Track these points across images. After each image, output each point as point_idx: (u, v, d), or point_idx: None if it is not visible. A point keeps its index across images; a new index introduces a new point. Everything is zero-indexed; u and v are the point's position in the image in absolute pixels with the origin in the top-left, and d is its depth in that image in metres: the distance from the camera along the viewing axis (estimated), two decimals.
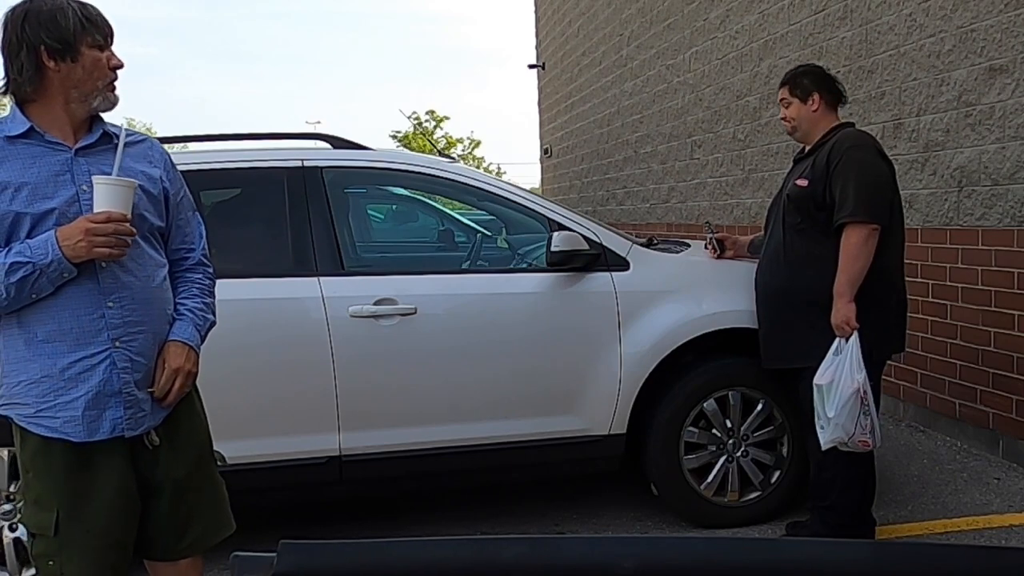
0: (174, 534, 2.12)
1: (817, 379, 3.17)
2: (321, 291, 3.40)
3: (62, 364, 1.94)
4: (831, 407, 3.12)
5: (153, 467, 2.07)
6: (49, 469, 1.98)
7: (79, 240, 1.87)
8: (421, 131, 30.72)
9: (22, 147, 1.93)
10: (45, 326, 1.94)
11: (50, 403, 1.95)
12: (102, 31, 1.97)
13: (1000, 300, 4.44)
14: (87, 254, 1.89)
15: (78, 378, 1.95)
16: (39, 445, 1.97)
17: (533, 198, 3.88)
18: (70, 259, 1.88)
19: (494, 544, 0.90)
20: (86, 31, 1.93)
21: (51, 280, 1.90)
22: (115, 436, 1.98)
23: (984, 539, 3.56)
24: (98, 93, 1.98)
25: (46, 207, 1.91)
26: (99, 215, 1.89)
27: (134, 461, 2.04)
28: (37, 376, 1.95)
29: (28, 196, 1.90)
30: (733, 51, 7.46)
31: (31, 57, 1.90)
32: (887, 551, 0.88)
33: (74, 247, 1.88)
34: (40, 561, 2.01)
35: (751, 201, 7.25)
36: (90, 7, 1.97)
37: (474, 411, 3.53)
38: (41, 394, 1.95)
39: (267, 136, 4.07)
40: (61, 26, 1.90)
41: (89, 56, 1.94)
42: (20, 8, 1.92)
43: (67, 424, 1.95)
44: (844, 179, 3.18)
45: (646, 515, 3.86)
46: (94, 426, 1.96)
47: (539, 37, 15.75)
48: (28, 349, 1.95)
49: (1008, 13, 4.32)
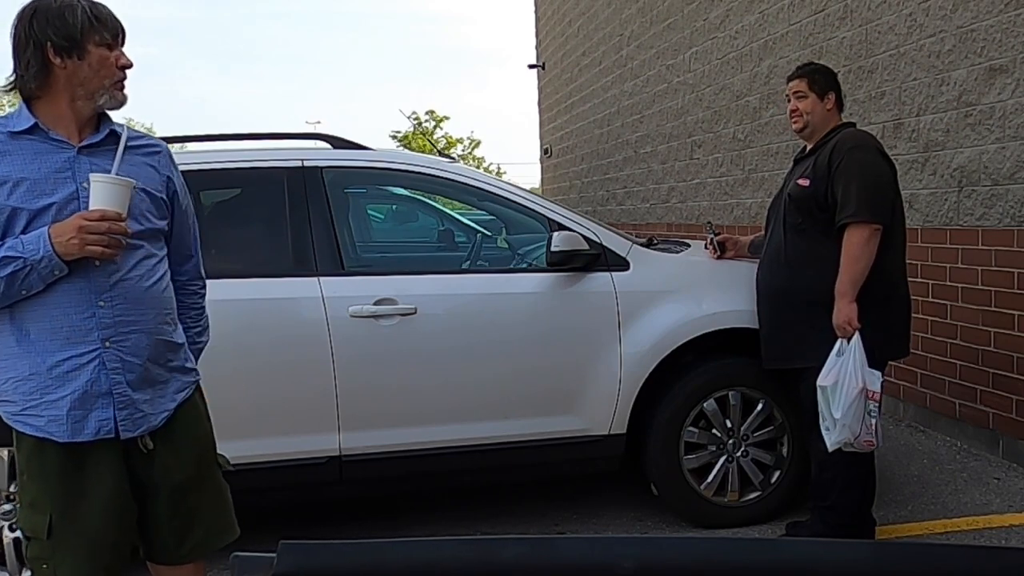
0: (175, 538, 2.10)
1: (821, 380, 3.16)
2: (321, 291, 3.40)
3: (50, 362, 1.92)
4: (837, 408, 3.10)
5: (149, 470, 2.05)
6: (42, 471, 1.96)
7: (71, 237, 1.85)
8: (421, 131, 30.70)
9: (26, 143, 1.92)
10: (36, 323, 1.92)
11: (36, 401, 1.93)
12: (111, 30, 1.96)
13: (1000, 300, 4.45)
14: (79, 252, 1.87)
15: (65, 377, 1.93)
16: (33, 447, 1.96)
17: (533, 198, 3.88)
18: (61, 256, 1.87)
19: (494, 544, 0.90)
20: (93, 29, 1.92)
21: (42, 277, 1.88)
22: (101, 438, 1.95)
23: (984, 539, 3.56)
24: (104, 91, 1.97)
25: (43, 203, 1.90)
26: (93, 213, 1.87)
27: (129, 464, 2.02)
28: (25, 373, 1.93)
29: (26, 191, 1.89)
30: (733, 51, 7.46)
31: (37, 54, 1.90)
32: (887, 551, 0.88)
33: (66, 244, 1.86)
34: (34, 564, 1.99)
35: (751, 201, 7.25)
36: (100, 6, 1.97)
37: (474, 411, 3.53)
38: (28, 392, 1.93)
39: (267, 136, 4.07)
40: (68, 23, 1.90)
41: (96, 54, 1.94)
42: (30, 5, 1.92)
43: (51, 423, 1.93)
44: (846, 179, 3.18)
45: (646, 515, 3.86)
46: (78, 426, 1.94)
47: (539, 37, 15.75)
48: (19, 346, 1.94)
49: (1008, 13, 4.32)
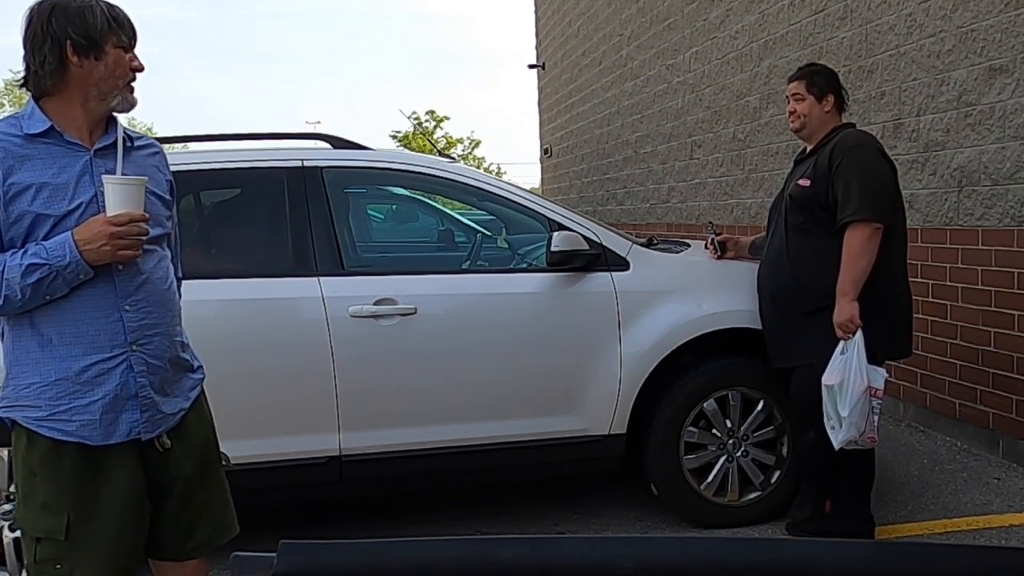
0: (181, 535, 2.11)
1: (826, 379, 3.16)
2: (321, 291, 3.40)
3: (77, 367, 1.92)
4: (844, 406, 3.11)
5: (163, 469, 2.06)
6: (59, 472, 1.96)
7: (103, 244, 1.85)
8: (421, 131, 30.68)
9: (42, 147, 1.92)
10: (60, 328, 1.92)
11: (65, 406, 1.93)
12: (128, 32, 1.97)
13: (1000, 300, 4.45)
14: (112, 258, 1.88)
15: (94, 381, 1.94)
16: (48, 448, 1.95)
17: (533, 198, 3.88)
18: (91, 263, 1.87)
19: (494, 544, 0.90)
20: (112, 30, 1.93)
21: (67, 282, 1.88)
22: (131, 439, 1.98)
23: (984, 539, 3.56)
24: (118, 92, 1.97)
25: (66, 209, 1.90)
26: (120, 217, 1.87)
27: (144, 463, 2.04)
28: (52, 379, 1.93)
29: (48, 197, 1.89)
30: (733, 51, 7.46)
31: (55, 50, 1.89)
32: (887, 551, 0.88)
33: (98, 251, 1.86)
34: (45, 566, 1.98)
35: (751, 201, 7.25)
36: (117, 8, 1.97)
37: (474, 411, 3.53)
38: (55, 397, 1.93)
39: (267, 136, 4.07)
40: (88, 23, 1.90)
41: (113, 55, 1.94)
42: (47, 2, 1.91)
43: (84, 428, 1.94)
44: (847, 179, 3.18)
45: (646, 515, 3.86)
46: (111, 429, 1.95)
47: (539, 37, 15.75)
48: (42, 351, 1.93)
49: (1008, 13, 4.32)
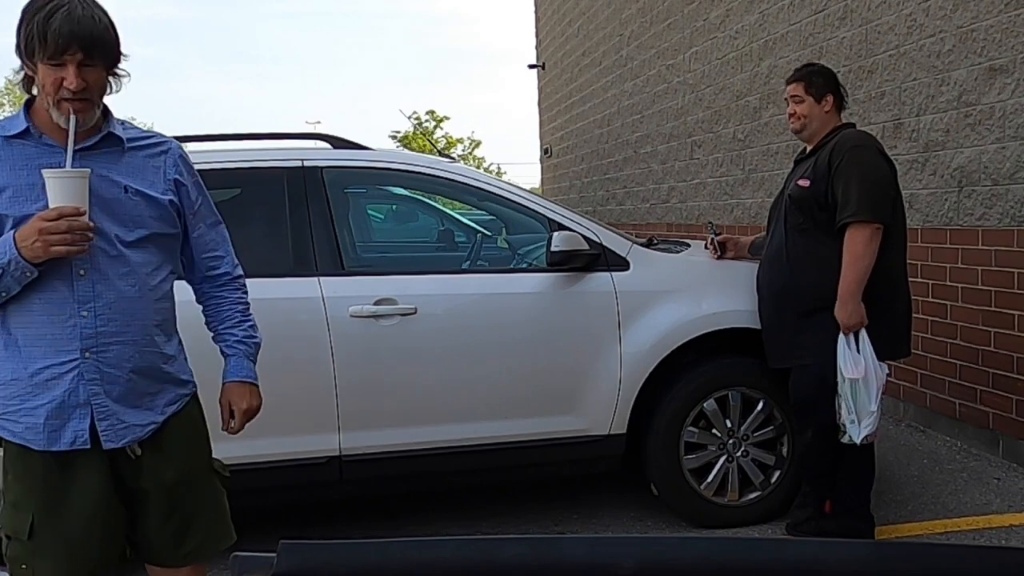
0: (171, 542, 2.07)
1: (849, 374, 3.18)
2: (321, 291, 3.40)
3: (32, 369, 1.90)
4: (872, 400, 3.15)
5: (137, 475, 2.02)
6: (27, 472, 1.94)
7: (34, 240, 1.80)
8: (421, 131, 30.68)
9: (17, 148, 1.90)
10: (23, 329, 1.90)
11: (15, 407, 1.91)
12: (52, 47, 1.79)
13: (1000, 300, 4.45)
14: (45, 254, 1.82)
15: (45, 385, 1.90)
16: (18, 448, 1.94)
17: (533, 198, 3.88)
18: (29, 260, 1.83)
19: (494, 544, 0.90)
20: (39, 44, 1.80)
21: (16, 280, 1.85)
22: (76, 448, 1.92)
23: (984, 539, 3.56)
24: (53, 107, 1.86)
25: (29, 210, 1.85)
26: (51, 212, 1.82)
27: (117, 469, 1.99)
28: (7, 378, 1.92)
29: (12, 197, 1.87)
30: (733, 51, 7.46)
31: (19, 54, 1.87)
32: (887, 551, 0.88)
33: (31, 248, 1.81)
34: (13, 564, 1.97)
35: (751, 201, 7.24)
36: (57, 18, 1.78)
37: (474, 411, 3.53)
38: (8, 397, 1.92)
39: (267, 136, 4.07)
40: (20, 33, 1.83)
41: (41, 70, 1.85)
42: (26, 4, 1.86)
43: (28, 431, 1.91)
44: (846, 179, 3.18)
45: (646, 515, 3.86)
46: (55, 436, 1.91)
47: (539, 37, 15.74)
48: (6, 351, 1.92)
49: (1008, 13, 4.32)
